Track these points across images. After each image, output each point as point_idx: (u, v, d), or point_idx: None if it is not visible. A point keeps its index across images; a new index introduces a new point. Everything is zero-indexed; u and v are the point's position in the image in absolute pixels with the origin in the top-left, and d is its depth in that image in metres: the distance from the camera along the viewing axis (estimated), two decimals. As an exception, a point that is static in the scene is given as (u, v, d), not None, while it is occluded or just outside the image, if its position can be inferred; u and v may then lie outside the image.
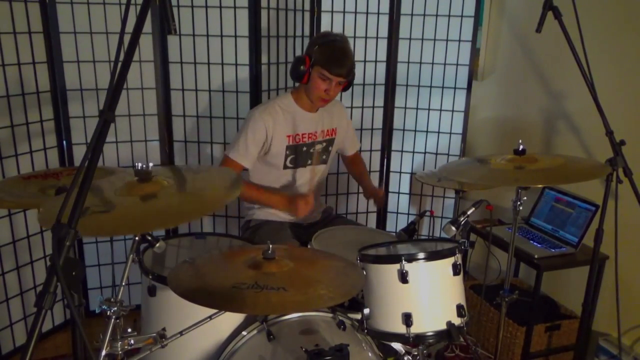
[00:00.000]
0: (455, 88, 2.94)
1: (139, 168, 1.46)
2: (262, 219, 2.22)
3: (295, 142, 2.16)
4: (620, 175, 1.71)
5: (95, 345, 1.32)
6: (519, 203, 1.86)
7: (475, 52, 2.89)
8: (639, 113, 2.21)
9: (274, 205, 2.16)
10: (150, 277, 1.62)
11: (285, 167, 2.17)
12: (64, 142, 2.56)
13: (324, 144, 2.26)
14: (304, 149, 2.19)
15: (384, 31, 2.92)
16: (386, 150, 3.11)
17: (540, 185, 2.54)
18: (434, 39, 2.91)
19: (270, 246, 1.40)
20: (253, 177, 2.21)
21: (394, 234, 2.47)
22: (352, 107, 2.99)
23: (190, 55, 2.64)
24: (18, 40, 2.32)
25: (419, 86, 2.99)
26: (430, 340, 1.52)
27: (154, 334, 1.47)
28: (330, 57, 2.01)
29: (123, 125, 2.66)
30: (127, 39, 1.02)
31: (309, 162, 2.22)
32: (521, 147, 1.82)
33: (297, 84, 2.18)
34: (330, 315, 1.64)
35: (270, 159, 2.15)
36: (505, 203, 2.79)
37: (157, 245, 1.53)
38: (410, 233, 2.04)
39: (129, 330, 1.40)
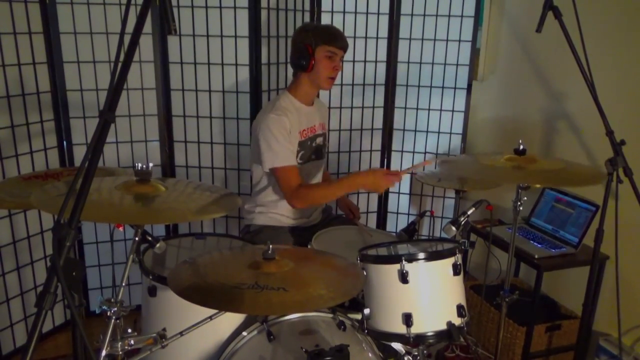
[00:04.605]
0: (455, 88, 2.94)
1: (139, 168, 1.47)
2: (262, 224, 2.21)
3: (303, 137, 2.16)
4: (620, 175, 1.71)
5: (95, 346, 1.32)
6: (519, 203, 1.86)
7: (475, 52, 2.89)
8: (639, 113, 2.21)
9: (355, 188, 2.08)
10: (151, 277, 1.62)
11: (297, 163, 2.16)
12: (64, 142, 2.57)
13: (322, 137, 2.28)
14: (309, 143, 2.20)
15: (384, 31, 2.92)
16: (386, 150, 3.11)
17: (538, 186, 2.54)
18: (434, 39, 2.91)
19: (270, 246, 1.40)
20: (262, 182, 2.17)
21: (394, 234, 2.47)
22: (352, 107, 2.99)
23: (190, 56, 2.64)
24: (18, 41, 2.32)
25: (419, 86, 2.99)
26: (431, 341, 1.52)
27: (154, 335, 1.47)
28: (330, 34, 2.09)
29: (123, 125, 2.66)
30: (127, 39, 1.02)
31: (313, 156, 2.23)
32: (521, 147, 1.82)
33: (289, 82, 2.19)
34: (331, 315, 1.64)
35: None
36: (506, 203, 2.79)
37: (158, 245, 1.53)
38: (410, 233, 2.04)
39: (129, 330, 1.41)
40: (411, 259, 1.50)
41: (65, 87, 2.51)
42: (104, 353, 1.31)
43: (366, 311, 1.57)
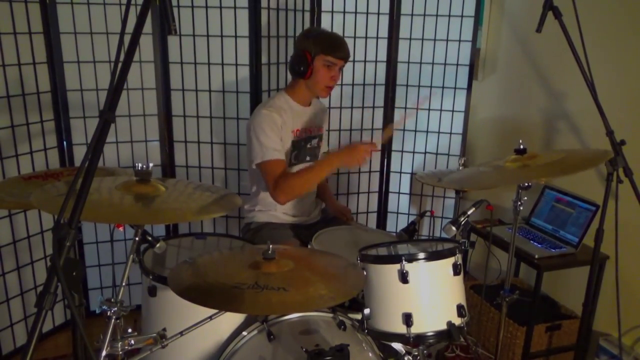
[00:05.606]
0: (455, 88, 2.94)
1: (139, 168, 1.47)
2: (263, 221, 2.21)
3: (298, 137, 2.16)
4: (620, 175, 1.71)
5: (95, 346, 1.32)
6: (519, 203, 1.86)
7: (475, 52, 2.89)
8: (639, 113, 2.21)
9: (333, 166, 2.01)
10: (151, 277, 1.62)
11: (290, 163, 2.16)
12: (64, 142, 2.56)
13: (317, 139, 2.28)
14: (303, 143, 2.20)
15: (384, 31, 2.92)
16: (386, 150, 3.11)
17: (544, 179, 2.52)
18: (434, 39, 2.91)
19: (270, 246, 1.40)
20: (261, 181, 2.16)
21: (395, 234, 2.46)
22: (352, 107, 2.99)
23: (190, 56, 2.64)
24: (18, 41, 2.32)
25: (419, 86, 2.99)
26: (431, 341, 1.52)
27: (155, 334, 1.47)
28: (331, 43, 2.07)
29: (123, 125, 2.66)
30: (127, 39, 1.02)
31: (307, 158, 2.23)
32: (522, 146, 1.81)
33: (289, 82, 2.20)
34: (331, 315, 1.64)
35: None
36: (506, 203, 2.79)
37: (158, 245, 1.53)
38: (410, 233, 2.04)
39: (130, 330, 1.41)
40: (411, 258, 1.50)
41: (65, 87, 2.51)
42: (104, 353, 1.31)
43: (366, 311, 1.57)
